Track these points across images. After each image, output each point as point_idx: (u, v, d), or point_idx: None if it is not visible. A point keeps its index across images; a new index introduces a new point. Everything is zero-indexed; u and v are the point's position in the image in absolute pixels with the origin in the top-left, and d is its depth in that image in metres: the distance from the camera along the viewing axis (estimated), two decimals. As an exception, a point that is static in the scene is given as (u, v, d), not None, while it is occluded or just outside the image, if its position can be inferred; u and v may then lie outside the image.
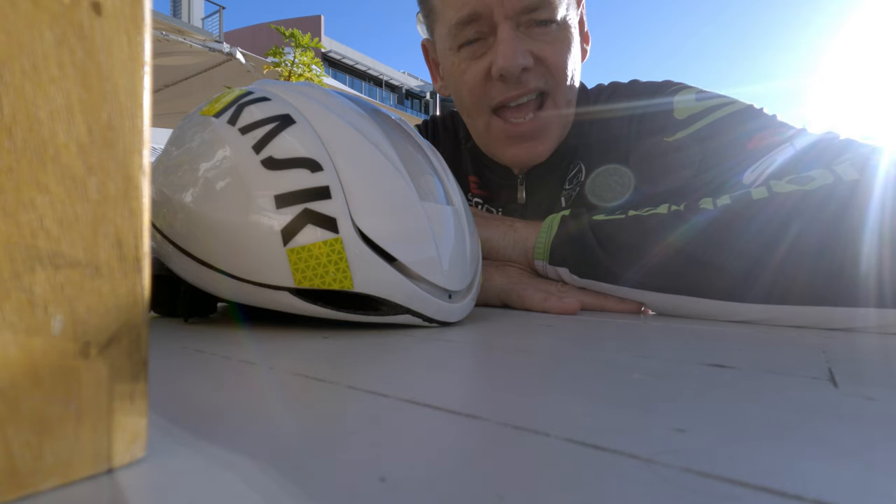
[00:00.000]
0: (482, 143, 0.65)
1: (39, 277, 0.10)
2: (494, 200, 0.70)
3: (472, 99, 0.60)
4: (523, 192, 0.67)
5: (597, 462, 0.13)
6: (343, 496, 0.11)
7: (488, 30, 0.56)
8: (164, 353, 0.26)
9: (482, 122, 0.61)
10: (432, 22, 0.63)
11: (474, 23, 0.56)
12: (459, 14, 0.56)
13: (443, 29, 0.60)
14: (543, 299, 0.47)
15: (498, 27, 0.55)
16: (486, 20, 0.56)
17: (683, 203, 0.45)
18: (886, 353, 0.30)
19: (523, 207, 0.67)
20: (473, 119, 0.63)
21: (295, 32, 2.76)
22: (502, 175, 0.68)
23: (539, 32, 0.56)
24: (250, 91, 0.37)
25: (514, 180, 0.67)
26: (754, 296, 0.40)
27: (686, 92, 0.58)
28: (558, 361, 0.26)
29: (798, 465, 0.13)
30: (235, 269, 0.32)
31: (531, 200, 0.67)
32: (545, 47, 0.56)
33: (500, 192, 0.69)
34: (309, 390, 0.19)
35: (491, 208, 0.70)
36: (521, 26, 0.56)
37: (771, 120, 0.52)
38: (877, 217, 0.36)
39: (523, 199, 0.67)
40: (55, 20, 0.10)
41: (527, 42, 0.56)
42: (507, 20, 0.55)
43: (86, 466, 0.11)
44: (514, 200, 0.68)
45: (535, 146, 0.61)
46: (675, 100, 0.57)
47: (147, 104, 0.12)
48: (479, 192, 0.71)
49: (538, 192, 0.66)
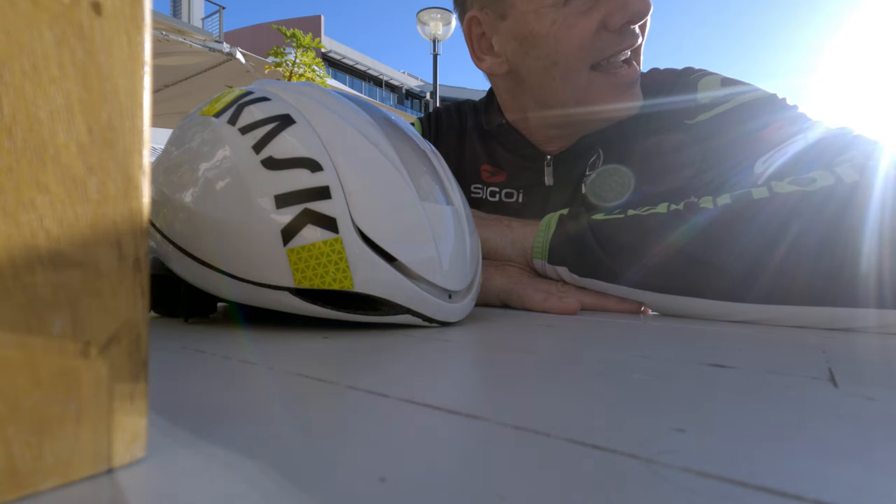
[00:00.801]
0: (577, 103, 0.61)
1: (39, 277, 0.10)
2: (514, 182, 0.69)
3: (580, 55, 0.58)
4: (550, 176, 0.66)
5: (597, 462, 0.13)
6: (343, 496, 0.11)
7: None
8: (164, 353, 0.26)
9: (582, 81, 0.59)
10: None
11: None
12: None
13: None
14: (543, 299, 0.47)
15: None
16: None
17: (683, 202, 0.45)
18: (886, 353, 0.30)
19: (548, 190, 0.67)
20: (570, 79, 0.60)
21: (296, 33, 2.76)
22: (529, 157, 0.67)
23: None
24: (250, 91, 0.37)
25: (541, 163, 0.66)
26: (754, 296, 0.40)
27: (710, 79, 0.58)
28: (558, 361, 0.26)
29: (798, 465, 0.13)
30: (235, 269, 0.32)
31: (557, 184, 0.66)
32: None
33: (522, 173, 0.68)
34: (309, 390, 0.19)
35: (510, 190, 0.69)
36: None
37: (790, 110, 0.52)
38: (877, 217, 0.36)
39: (550, 182, 0.66)
40: (55, 20, 0.10)
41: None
42: None
43: (86, 466, 0.11)
44: (539, 183, 0.67)
45: (638, 92, 0.60)
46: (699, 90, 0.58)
47: (147, 104, 0.12)
48: (495, 180, 0.70)
49: (564, 177, 0.66)
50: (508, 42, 0.61)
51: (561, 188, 0.66)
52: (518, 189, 0.69)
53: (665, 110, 0.59)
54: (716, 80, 0.58)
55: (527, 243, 0.52)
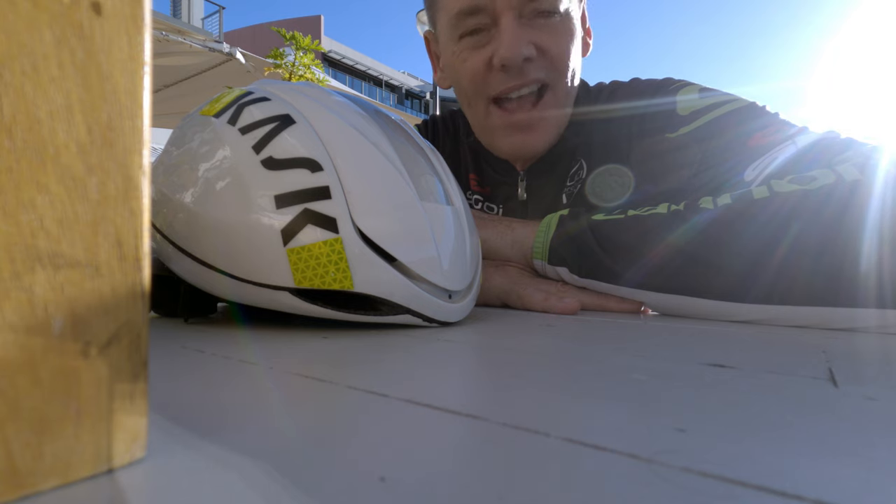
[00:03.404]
0: (481, 133, 0.65)
1: (39, 277, 0.10)
2: (494, 197, 0.70)
3: (473, 88, 0.60)
4: (524, 190, 0.67)
5: (597, 462, 0.13)
6: (343, 496, 0.11)
7: (490, 20, 0.56)
8: (164, 353, 0.26)
9: (481, 112, 0.61)
10: (434, 12, 0.63)
11: (477, 13, 0.56)
12: (461, 4, 0.56)
13: (444, 19, 0.60)
14: (543, 299, 0.47)
15: (500, 17, 0.55)
16: (488, 11, 0.56)
17: (683, 202, 0.45)
18: (886, 353, 0.30)
19: (524, 205, 0.67)
20: (473, 109, 0.63)
21: (296, 35, 2.77)
22: (503, 172, 0.68)
23: (541, 23, 0.56)
24: (250, 91, 0.37)
25: (514, 177, 0.67)
26: (754, 296, 0.40)
27: (689, 89, 0.58)
28: (558, 361, 0.26)
29: (798, 465, 0.13)
30: (235, 269, 0.32)
31: (532, 198, 0.67)
32: (547, 38, 0.57)
33: (500, 188, 0.69)
34: (309, 390, 0.19)
35: (491, 205, 0.70)
36: (523, 16, 0.56)
37: (773, 118, 0.52)
38: (877, 217, 0.36)
39: (524, 197, 0.67)
40: (55, 20, 0.10)
41: (529, 32, 0.56)
42: (510, 10, 0.55)
43: (86, 466, 0.11)
44: (515, 197, 0.68)
45: (533, 137, 0.61)
46: (678, 97, 0.58)
47: (147, 104, 0.12)
48: (480, 190, 0.71)
49: (539, 190, 0.66)
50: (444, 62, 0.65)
51: (537, 202, 0.66)
52: (497, 204, 0.70)
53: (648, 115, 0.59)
54: (694, 89, 0.58)
55: (527, 243, 0.52)
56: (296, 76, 2.80)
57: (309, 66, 2.82)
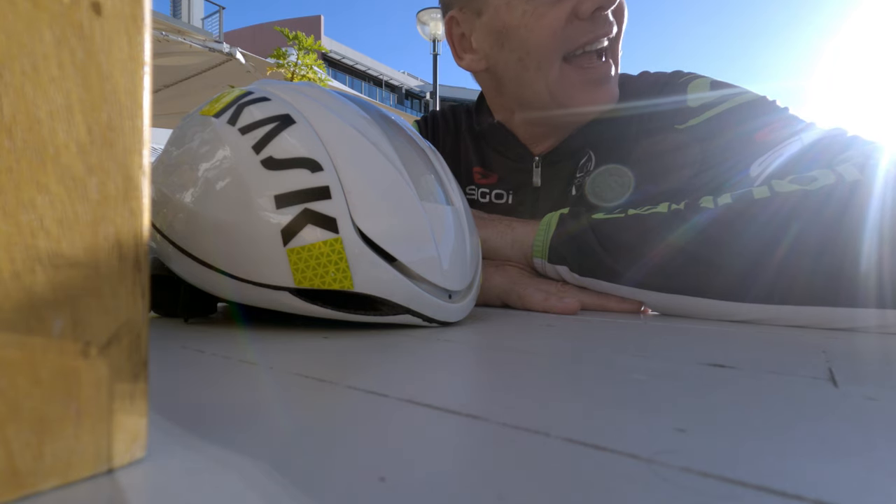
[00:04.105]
0: (550, 97, 0.62)
1: (39, 277, 0.10)
2: (506, 183, 0.69)
3: (551, 44, 0.58)
4: (538, 176, 0.66)
5: (597, 462, 0.13)
6: (343, 496, 0.11)
7: None
8: (164, 353, 0.26)
9: (554, 73, 0.59)
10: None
11: None
12: None
13: None
14: (544, 299, 0.47)
15: None
16: None
17: (684, 202, 0.45)
18: (886, 353, 0.30)
19: (536, 192, 0.67)
20: (542, 72, 0.60)
21: (299, 35, 2.77)
22: (517, 157, 0.68)
23: None
24: (250, 91, 0.37)
25: (529, 163, 0.67)
26: (755, 295, 0.40)
27: (699, 82, 0.58)
28: (558, 361, 0.26)
29: (798, 465, 0.13)
30: (235, 269, 0.32)
31: (545, 185, 0.66)
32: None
33: (512, 175, 0.68)
34: (309, 390, 0.19)
35: (500, 191, 0.69)
36: None
37: (782, 112, 0.52)
38: (877, 217, 0.36)
39: (538, 183, 0.67)
40: (55, 20, 0.10)
41: None
42: None
43: (86, 467, 0.11)
44: (528, 184, 0.67)
45: (611, 89, 0.60)
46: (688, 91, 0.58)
47: (147, 104, 0.12)
48: (485, 181, 0.70)
49: (553, 178, 0.66)
50: (485, 38, 0.62)
51: (550, 189, 0.66)
52: (508, 190, 0.69)
53: (657, 112, 0.59)
54: (705, 82, 0.58)
55: (527, 242, 0.52)
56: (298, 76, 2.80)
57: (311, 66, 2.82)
